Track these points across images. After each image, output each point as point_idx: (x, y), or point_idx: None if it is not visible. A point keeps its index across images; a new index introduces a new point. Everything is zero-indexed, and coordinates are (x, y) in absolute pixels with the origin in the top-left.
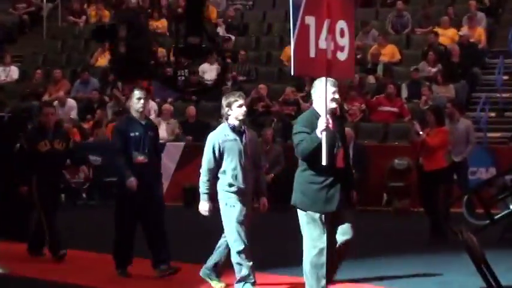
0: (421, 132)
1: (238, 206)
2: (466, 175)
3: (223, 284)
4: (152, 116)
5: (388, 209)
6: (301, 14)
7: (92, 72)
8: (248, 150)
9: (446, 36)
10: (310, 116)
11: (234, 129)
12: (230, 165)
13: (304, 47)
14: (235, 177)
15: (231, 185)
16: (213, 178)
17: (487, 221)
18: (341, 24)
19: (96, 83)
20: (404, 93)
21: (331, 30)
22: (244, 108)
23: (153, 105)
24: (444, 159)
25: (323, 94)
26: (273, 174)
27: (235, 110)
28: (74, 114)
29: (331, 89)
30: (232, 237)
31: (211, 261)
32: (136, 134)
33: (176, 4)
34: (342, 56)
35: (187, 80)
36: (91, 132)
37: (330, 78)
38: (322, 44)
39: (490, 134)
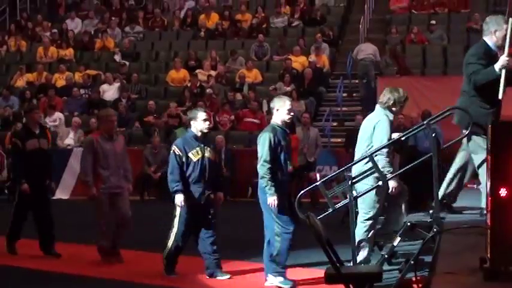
0: None
1: None
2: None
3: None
4: (62, 127)
5: (253, 200)
6: None
7: (11, 92)
8: None
9: (298, 62)
10: (484, 49)
11: None
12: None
13: None
14: None
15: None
16: None
17: (331, 210)
18: None
19: (16, 100)
20: (265, 107)
21: None
22: None
23: (62, 116)
24: (296, 160)
25: (501, 32)
26: (160, 173)
27: None
28: None
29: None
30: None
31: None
32: (285, 143)
33: (81, 36)
34: None
35: (90, 97)
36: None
37: None
38: None
39: (333, 140)
